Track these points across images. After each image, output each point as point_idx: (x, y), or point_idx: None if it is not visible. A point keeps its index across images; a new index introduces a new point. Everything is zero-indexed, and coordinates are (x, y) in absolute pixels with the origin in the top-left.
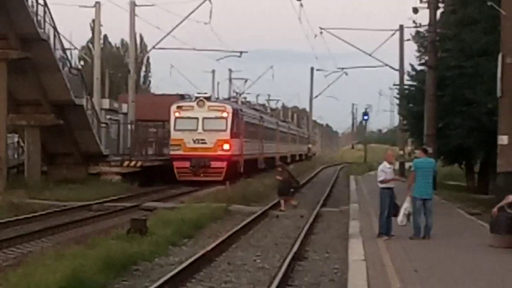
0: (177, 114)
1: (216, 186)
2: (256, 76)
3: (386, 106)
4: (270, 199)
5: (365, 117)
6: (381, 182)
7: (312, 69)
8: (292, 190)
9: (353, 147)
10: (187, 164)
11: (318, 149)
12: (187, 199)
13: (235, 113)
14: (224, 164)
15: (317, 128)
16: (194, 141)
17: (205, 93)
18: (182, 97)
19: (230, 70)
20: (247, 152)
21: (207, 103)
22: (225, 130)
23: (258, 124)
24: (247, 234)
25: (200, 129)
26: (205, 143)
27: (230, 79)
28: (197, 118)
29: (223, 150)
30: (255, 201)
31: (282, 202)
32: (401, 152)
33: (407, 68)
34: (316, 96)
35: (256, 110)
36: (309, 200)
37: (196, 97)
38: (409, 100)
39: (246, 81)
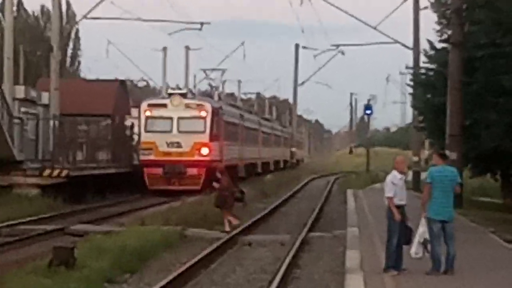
0: (148, 113)
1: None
2: (222, 55)
3: (396, 97)
4: (243, 217)
5: (368, 112)
6: (389, 198)
7: (297, 46)
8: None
9: (351, 152)
10: (159, 170)
11: (304, 154)
12: (129, 220)
13: (215, 112)
14: (202, 171)
15: (303, 125)
16: (168, 145)
17: (180, 89)
18: (122, 83)
19: (187, 48)
20: (227, 157)
21: (183, 101)
22: (203, 132)
23: (238, 124)
24: (209, 268)
25: (174, 131)
26: (180, 146)
27: (187, 65)
28: (171, 118)
29: (201, 154)
30: (221, 222)
31: (225, 221)
32: (416, 158)
33: (424, 45)
34: (302, 83)
35: (235, 107)
36: (292, 222)
37: (170, 94)
38: (427, 88)
39: (223, 72)
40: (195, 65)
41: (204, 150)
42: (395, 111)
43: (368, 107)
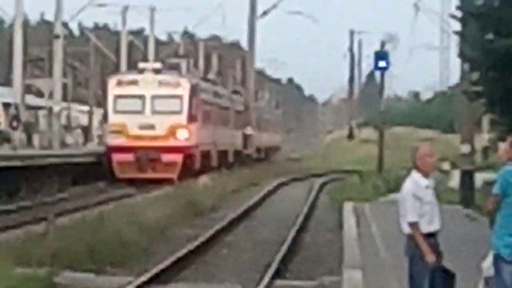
0: (116, 91)
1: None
2: None
3: (431, 38)
4: (159, 253)
5: (381, 64)
6: (411, 224)
7: None
8: None
9: (351, 135)
10: (130, 157)
11: (277, 139)
12: None
13: (194, 90)
14: (179, 157)
15: (266, 88)
16: (140, 127)
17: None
18: None
19: None
20: (203, 142)
21: (157, 77)
22: (180, 112)
23: (213, 102)
24: None
25: (147, 111)
26: (154, 129)
27: None
28: (143, 97)
29: (178, 139)
30: (120, 261)
31: None
32: (466, 148)
33: None
34: (264, 13)
35: (207, 80)
36: (246, 261)
37: (141, 69)
38: (487, 23)
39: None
40: None
41: (182, 134)
42: (429, 64)
43: (381, 56)
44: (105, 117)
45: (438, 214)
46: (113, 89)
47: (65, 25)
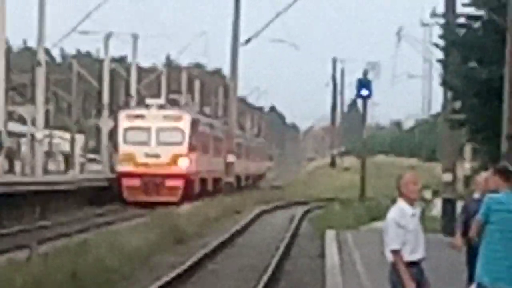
0: (126, 124)
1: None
2: None
3: (414, 67)
4: (142, 280)
5: (364, 92)
6: (394, 252)
7: None
8: None
9: (333, 163)
10: (138, 182)
11: (264, 166)
12: None
13: (194, 123)
14: (180, 182)
15: (248, 116)
16: (146, 156)
17: (159, 99)
18: None
19: None
20: (201, 169)
21: (161, 112)
22: (182, 143)
23: (208, 134)
24: None
25: (153, 142)
26: (159, 157)
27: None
28: (149, 129)
29: (179, 166)
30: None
31: None
32: (448, 177)
33: None
34: (247, 41)
35: (203, 113)
36: (228, 287)
37: (148, 104)
38: (469, 52)
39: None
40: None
41: (183, 162)
42: (412, 92)
43: (364, 84)
44: (115, 147)
45: (422, 243)
46: (123, 122)
47: (47, 51)
